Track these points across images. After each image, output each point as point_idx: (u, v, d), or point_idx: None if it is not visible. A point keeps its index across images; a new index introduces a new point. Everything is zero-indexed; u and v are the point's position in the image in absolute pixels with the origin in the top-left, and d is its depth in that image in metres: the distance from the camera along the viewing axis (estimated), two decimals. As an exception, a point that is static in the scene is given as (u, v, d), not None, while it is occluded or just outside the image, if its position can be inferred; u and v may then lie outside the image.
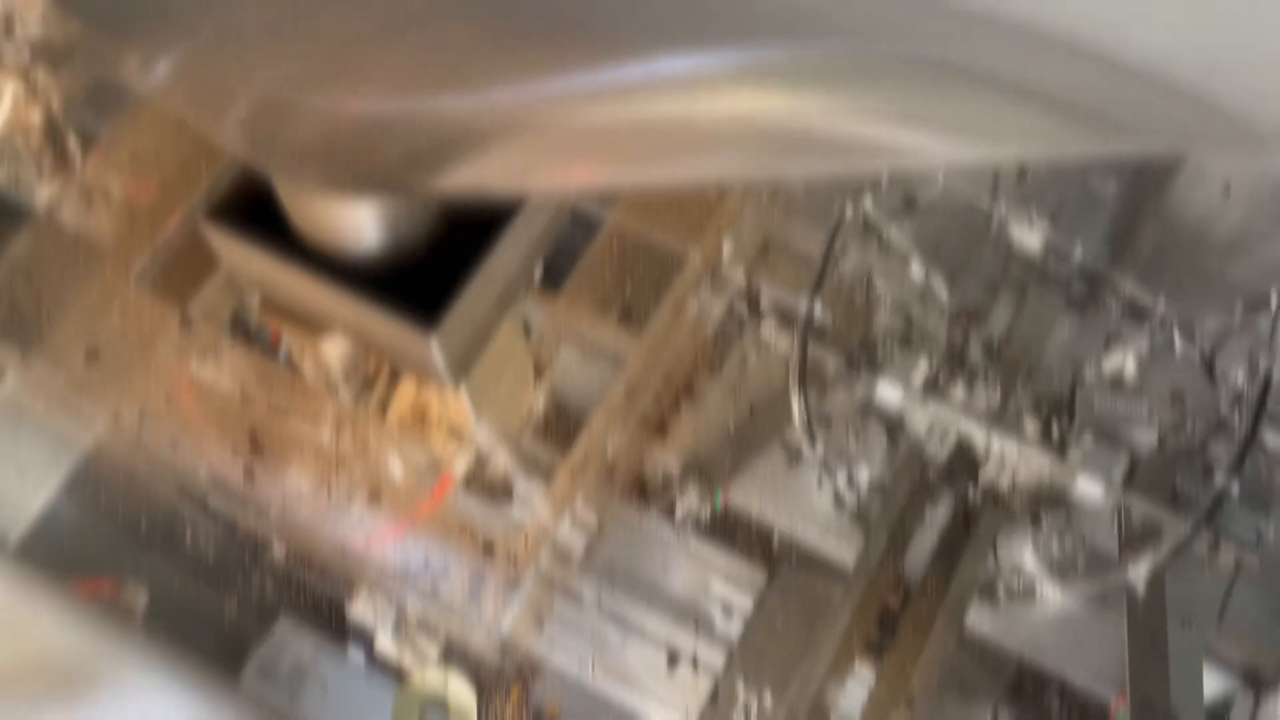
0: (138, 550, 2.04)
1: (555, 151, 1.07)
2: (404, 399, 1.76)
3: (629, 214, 1.87)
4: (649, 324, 1.79)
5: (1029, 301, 1.95)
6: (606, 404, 1.73)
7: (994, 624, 1.77)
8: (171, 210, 1.86)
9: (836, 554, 1.83)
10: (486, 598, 1.59)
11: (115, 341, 1.75)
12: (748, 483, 1.84)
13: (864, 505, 1.83)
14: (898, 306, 1.89)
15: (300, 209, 1.41)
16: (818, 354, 1.86)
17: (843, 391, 1.89)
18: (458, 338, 1.51)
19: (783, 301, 1.97)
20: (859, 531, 1.81)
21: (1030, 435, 1.78)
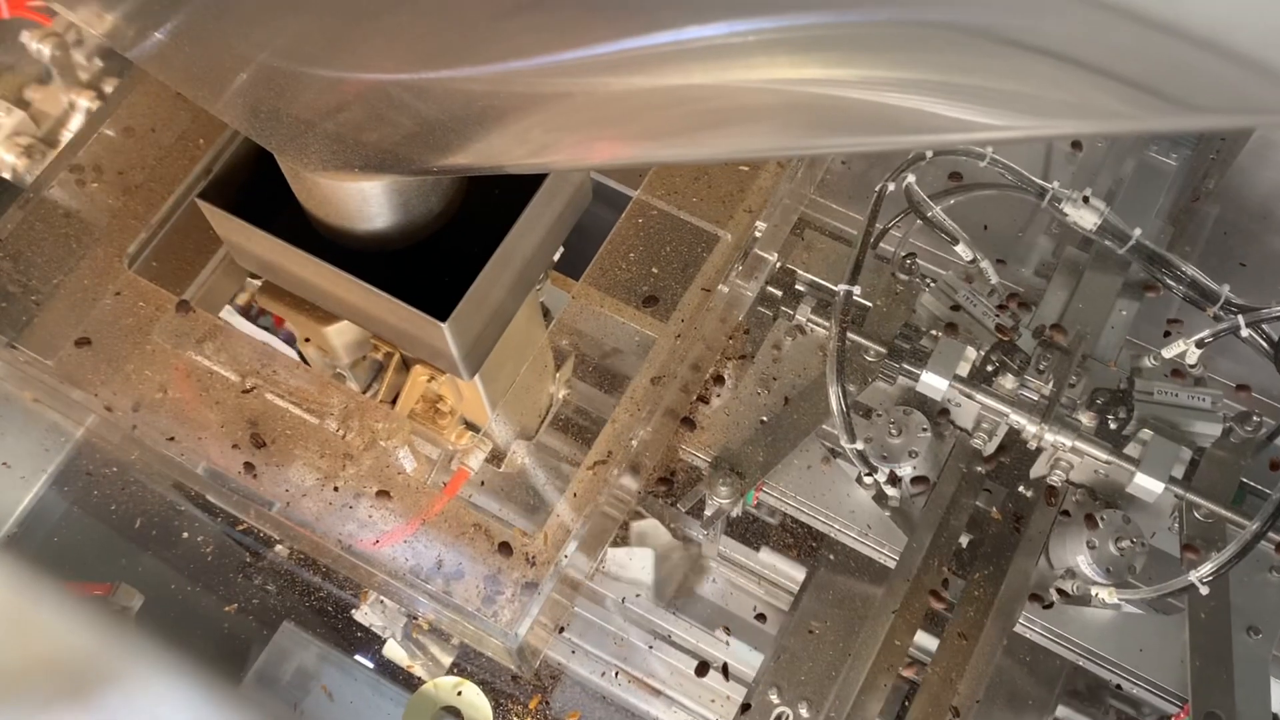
0: (131, 550, 2.05)
1: (576, 126, 1.07)
2: (415, 389, 1.76)
3: (655, 191, 1.88)
4: (676, 309, 1.79)
5: (1083, 285, 1.95)
6: (631, 395, 1.73)
7: (1046, 630, 1.77)
8: (168, 187, 1.86)
9: (877, 555, 1.83)
10: (503, 601, 1.59)
11: (108, 327, 1.75)
12: (782, 479, 1.84)
13: (907, 503, 1.83)
14: (943, 290, 1.89)
15: (304, 186, 1.42)
16: (857, 341, 1.86)
17: (884, 383, 1.89)
18: (471, 325, 1.51)
19: (819, 285, 1.97)
20: (901, 531, 1.81)
21: (1085, 428, 1.78)
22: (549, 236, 1.60)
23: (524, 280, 1.60)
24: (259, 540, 2.03)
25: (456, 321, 1.46)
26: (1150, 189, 2.08)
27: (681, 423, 1.85)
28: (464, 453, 1.78)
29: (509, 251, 1.50)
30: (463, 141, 1.15)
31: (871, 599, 1.79)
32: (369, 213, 1.41)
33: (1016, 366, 1.81)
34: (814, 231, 2.02)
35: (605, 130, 1.07)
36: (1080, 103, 0.76)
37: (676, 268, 1.83)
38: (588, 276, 1.83)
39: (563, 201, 1.59)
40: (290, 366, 1.72)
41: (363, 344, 1.74)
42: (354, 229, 1.44)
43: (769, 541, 2.01)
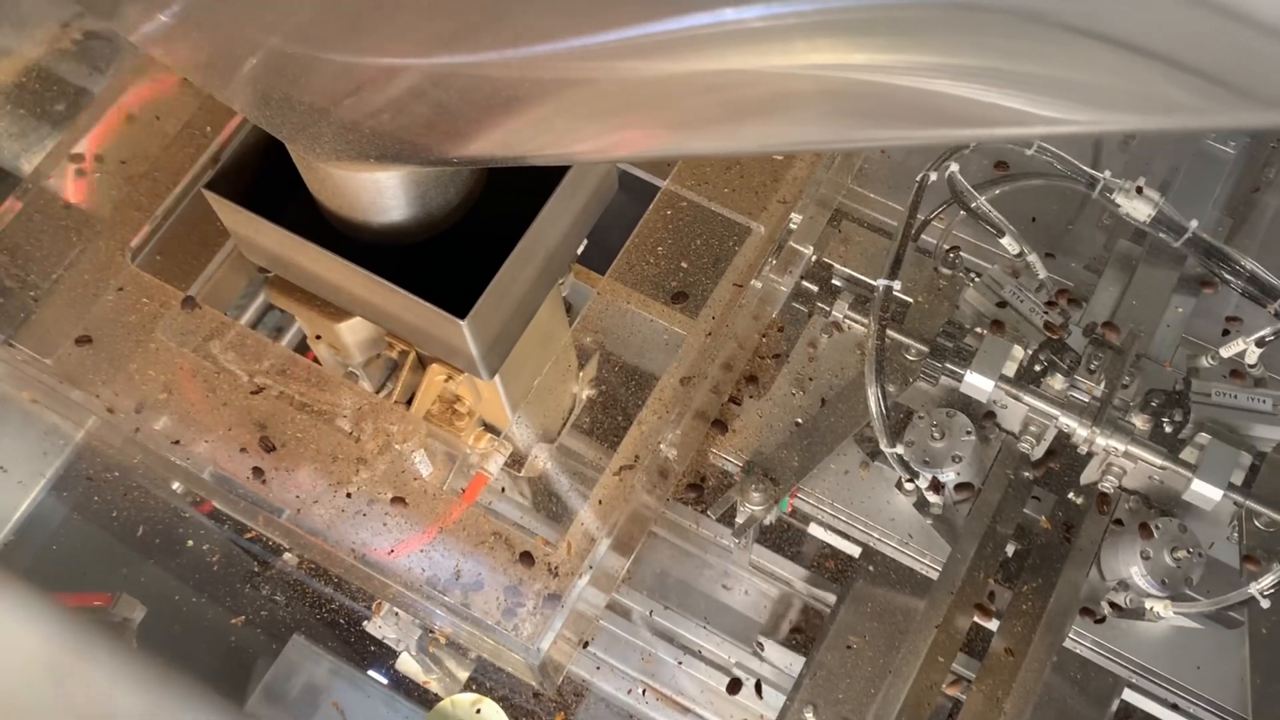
0: (133, 559, 2.05)
1: (603, 114, 1.07)
2: (431, 390, 1.76)
3: (684, 182, 1.88)
4: (706, 305, 1.79)
5: (1137, 280, 1.94)
6: (659, 395, 1.73)
7: (1097, 645, 1.76)
8: (173, 177, 1.87)
9: (919, 565, 1.83)
10: (524, 614, 1.59)
11: (109, 324, 1.76)
12: (818, 485, 1.84)
13: (950, 511, 1.83)
14: (988, 285, 1.88)
15: (316, 177, 1.42)
16: (897, 339, 1.86)
17: (925, 383, 1.88)
18: (491, 323, 1.51)
19: (857, 280, 1.97)
20: (944, 540, 1.81)
21: (1139, 432, 1.77)
22: (573, 229, 1.60)
23: (547, 275, 1.60)
24: (267, 549, 2.03)
25: (476, 319, 1.46)
26: (1207, 179, 2.08)
27: (712, 425, 1.85)
28: (482, 457, 1.78)
29: (531, 245, 1.50)
30: (483, 131, 1.15)
31: (913, 612, 1.79)
32: (383, 204, 1.41)
33: (1066, 366, 1.80)
34: (851, 223, 2.02)
35: (633, 120, 1.06)
36: (1142, 94, 0.76)
37: (707, 262, 1.83)
38: (614, 271, 1.83)
39: (588, 192, 1.59)
40: (300, 365, 1.72)
41: (376, 341, 1.74)
42: (368, 221, 1.45)
43: (804, 551, 2.00)
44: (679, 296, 1.80)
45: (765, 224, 1.85)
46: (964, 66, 0.80)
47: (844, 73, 0.85)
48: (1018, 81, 0.79)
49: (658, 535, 1.96)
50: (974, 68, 0.80)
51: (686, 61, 0.92)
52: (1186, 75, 0.73)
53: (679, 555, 1.97)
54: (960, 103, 0.82)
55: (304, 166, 1.41)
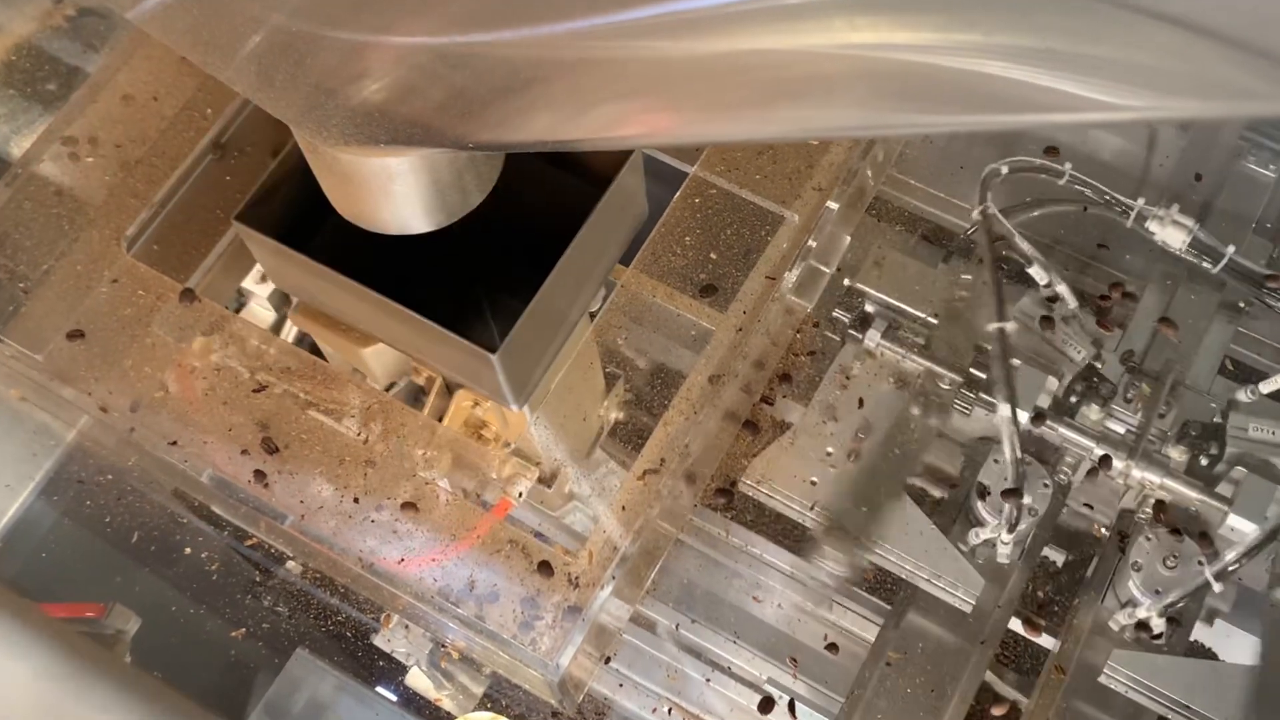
0: (127, 567, 2.05)
1: (627, 97, 1.07)
2: (458, 415, 1.78)
3: (714, 167, 1.87)
4: (737, 298, 1.79)
5: (1175, 306, 1.95)
6: (686, 395, 1.73)
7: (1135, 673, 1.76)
8: (171, 163, 1.87)
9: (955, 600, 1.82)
10: (542, 627, 1.59)
11: (103, 318, 1.76)
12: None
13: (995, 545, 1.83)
14: (1025, 311, 1.89)
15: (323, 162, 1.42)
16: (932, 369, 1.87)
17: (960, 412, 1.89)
18: (521, 355, 1.53)
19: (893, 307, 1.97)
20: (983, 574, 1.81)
21: (1175, 464, 1.78)
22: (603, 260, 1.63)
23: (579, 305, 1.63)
24: (270, 557, 2.03)
25: (506, 353, 1.49)
26: (1247, 203, 2.08)
27: (743, 427, 1.85)
28: (508, 481, 1.78)
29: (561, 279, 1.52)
30: (500, 114, 1.15)
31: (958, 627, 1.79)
32: (395, 191, 1.42)
33: (1102, 397, 1.81)
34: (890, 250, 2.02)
35: (660, 104, 1.07)
36: (1205, 77, 0.75)
37: (737, 253, 1.83)
38: (638, 262, 1.82)
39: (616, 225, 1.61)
40: (306, 363, 1.72)
41: (402, 367, 1.76)
42: (380, 211, 1.45)
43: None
44: (707, 290, 1.80)
45: (799, 212, 1.84)
46: (1015, 47, 0.80)
47: (885, 53, 0.85)
48: (1073, 63, 0.79)
49: (685, 544, 1.95)
50: (1026, 48, 0.79)
51: (717, 41, 0.91)
52: (1253, 58, 0.72)
53: (707, 565, 1.97)
54: (1010, 86, 0.82)
55: (310, 151, 1.41)
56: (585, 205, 1.55)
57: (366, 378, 1.81)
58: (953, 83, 0.85)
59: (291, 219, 1.58)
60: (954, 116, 0.94)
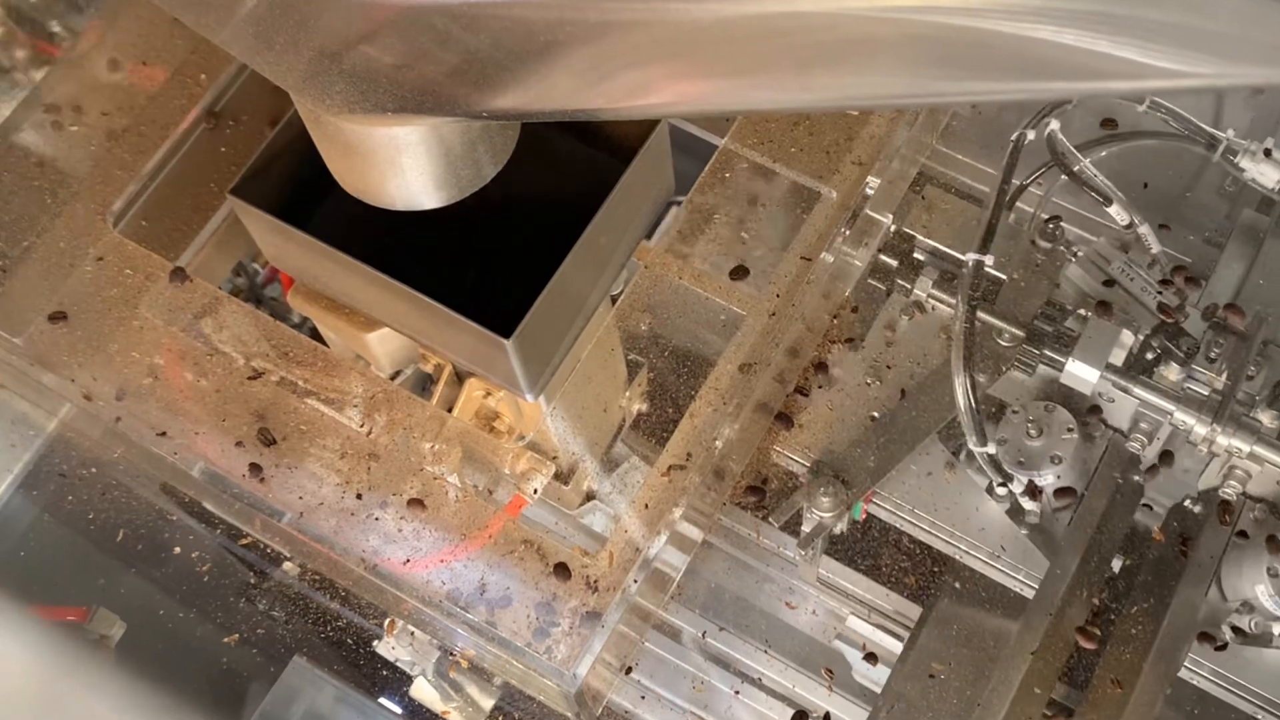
0: (112, 568, 2.05)
1: (652, 62, 1.08)
2: (469, 406, 1.78)
3: (745, 140, 1.88)
4: (770, 281, 1.79)
5: (1264, 256, 1.93)
6: (714, 384, 1.73)
7: (1217, 675, 1.76)
8: (161, 132, 1.87)
9: (1012, 582, 1.83)
10: (558, 634, 1.60)
11: (88, 299, 1.77)
12: (896, 488, 1.84)
13: (1048, 520, 1.83)
14: (1093, 261, 1.88)
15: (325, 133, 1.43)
16: (988, 322, 1.86)
17: (1021, 372, 1.88)
18: (537, 341, 1.53)
19: (943, 254, 1.96)
20: (1042, 553, 1.81)
21: (1265, 430, 1.77)
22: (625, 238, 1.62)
23: (599, 287, 1.62)
24: (265, 557, 2.03)
25: (521, 338, 1.48)
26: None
27: (775, 419, 1.85)
28: (522, 477, 1.78)
29: (581, 258, 1.52)
30: (516, 81, 1.15)
31: (1005, 636, 1.79)
32: (403, 164, 1.42)
33: (1183, 354, 1.79)
34: (937, 189, 2.02)
35: (687, 69, 1.07)
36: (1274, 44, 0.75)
37: (770, 232, 1.83)
38: (664, 242, 1.83)
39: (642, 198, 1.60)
40: (306, 348, 1.72)
41: (409, 353, 1.76)
42: (386, 185, 1.45)
43: (880, 565, 2.00)
44: (739, 271, 1.80)
45: (838, 189, 1.84)
46: (1070, 10, 0.80)
47: (931, 16, 0.85)
48: (1132, 28, 0.79)
49: (712, 545, 1.96)
50: (1082, 12, 0.80)
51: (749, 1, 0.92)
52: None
53: (736, 568, 1.98)
54: (1065, 52, 0.82)
55: (311, 122, 1.42)
56: (608, 179, 1.55)
57: (370, 365, 1.81)
58: (1002, 48, 0.85)
59: (291, 193, 1.58)
60: (1004, 84, 0.94)
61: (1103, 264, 1.87)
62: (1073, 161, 1.90)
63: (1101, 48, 0.80)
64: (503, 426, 1.82)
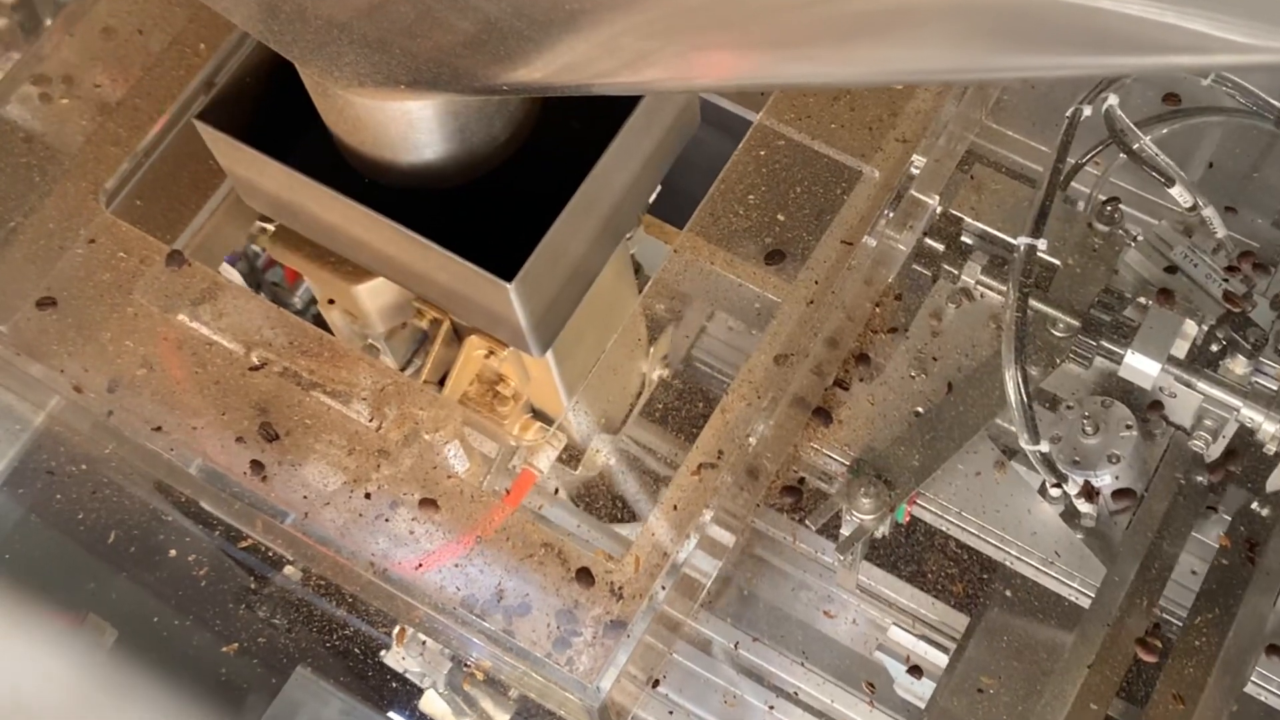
0: (103, 572, 2.06)
1: (683, 31, 1.08)
2: (469, 368, 1.77)
3: (782, 115, 1.87)
4: (808, 266, 1.79)
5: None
6: (748, 376, 1.73)
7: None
8: (157, 105, 1.88)
9: (1067, 590, 1.83)
10: (580, 644, 1.60)
11: (78, 284, 1.78)
12: (942, 489, 1.84)
13: (1105, 523, 1.83)
14: (1153, 246, 1.88)
15: (333, 107, 1.43)
16: (1041, 311, 1.86)
17: (1076, 365, 1.88)
18: (545, 287, 1.52)
19: (993, 237, 1.96)
20: (1099, 560, 1.81)
21: (1341, 431, 1.77)
22: (644, 173, 1.61)
23: (611, 229, 1.60)
24: (266, 561, 2.04)
25: (526, 282, 1.46)
26: None
27: (813, 414, 1.85)
28: (530, 450, 1.79)
29: (593, 193, 1.50)
30: (537, 51, 1.15)
31: (1059, 648, 1.79)
32: (415, 141, 1.42)
33: (1250, 346, 1.79)
34: (986, 168, 2.02)
35: (719, 39, 1.07)
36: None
37: (808, 213, 1.83)
38: (694, 224, 1.82)
39: (664, 127, 1.59)
40: (310, 336, 1.72)
41: (402, 308, 1.75)
42: (395, 161, 1.46)
43: (924, 572, 2.00)
44: (774, 255, 1.80)
45: (880, 167, 1.84)
46: (1131, -22, 0.80)
47: (984, -16, 0.85)
48: (1198, 0, 0.79)
49: (745, 550, 1.96)
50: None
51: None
52: None
53: (771, 574, 1.98)
54: (1127, 23, 0.82)
55: (319, 94, 1.42)
56: (621, 109, 1.54)
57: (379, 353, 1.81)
58: (1059, 19, 0.85)
59: (269, 121, 1.57)
60: (1060, 59, 0.94)
61: (1164, 249, 1.87)
62: (1132, 139, 1.90)
63: (1168, 19, 0.80)
64: (507, 391, 1.81)
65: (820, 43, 1.01)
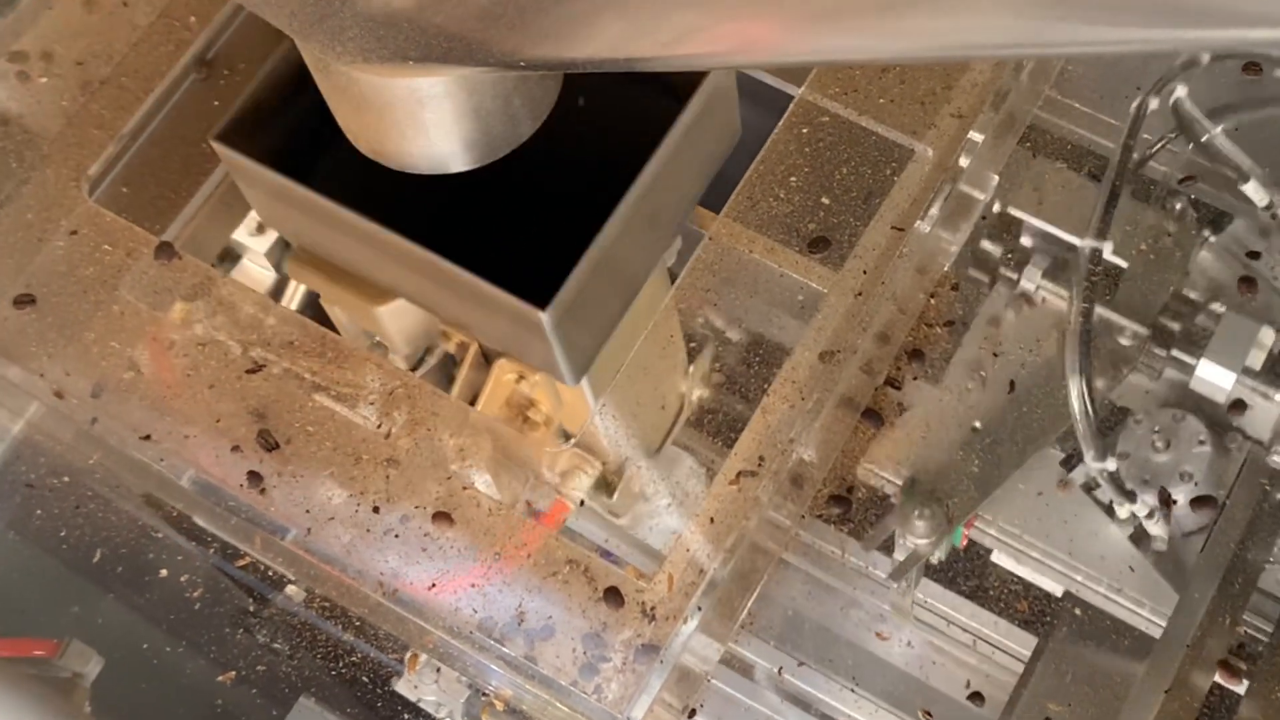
0: (88, 593, 2.06)
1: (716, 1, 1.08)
2: (498, 393, 1.77)
3: (826, 89, 1.87)
4: (855, 254, 1.79)
5: None
6: (791, 375, 1.73)
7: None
8: (145, 84, 1.88)
9: (1137, 619, 1.83)
10: (609, 671, 1.60)
11: (59, 279, 1.79)
12: (1004, 506, 1.84)
13: (1180, 542, 1.83)
14: (1227, 248, 1.88)
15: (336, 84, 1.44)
16: (1107, 318, 1.86)
17: (1145, 377, 1.88)
18: (581, 312, 1.52)
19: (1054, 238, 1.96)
20: (1170, 586, 1.81)
21: None
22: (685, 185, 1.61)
23: (655, 243, 1.61)
24: (266, 581, 2.04)
25: (560, 309, 1.47)
26: None
27: (863, 417, 1.86)
28: (563, 477, 1.78)
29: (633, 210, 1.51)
30: (560, 25, 1.16)
31: (1134, 672, 1.79)
32: (426, 122, 1.43)
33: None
34: (1048, 159, 2.00)
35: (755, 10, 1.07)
36: None
37: (856, 196, 1.83)
38: (731, 208, 1.82)
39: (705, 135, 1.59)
40: (313, 335, 1.73)
41: (428, 330, 1.75)
42: (405, 145, 1.46)
43: (985, 594, 2.00)
44: (818, 243, 1.80)
45: (934, 145, 1.85)
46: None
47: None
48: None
49: (790, 565, 1.96)
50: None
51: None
52: None
53: (818, 592, 1.98)
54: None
55: (320, 71, 1.43)
56: (661, 123, 1.54)
57: (387, 351, 1.82)
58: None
59: (288, 139, 1.58)
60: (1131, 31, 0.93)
61: (1239, 251, 1.87)
62: (1202, 131, 1.89)
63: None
64: (538, 417, 1.81)
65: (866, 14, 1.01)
